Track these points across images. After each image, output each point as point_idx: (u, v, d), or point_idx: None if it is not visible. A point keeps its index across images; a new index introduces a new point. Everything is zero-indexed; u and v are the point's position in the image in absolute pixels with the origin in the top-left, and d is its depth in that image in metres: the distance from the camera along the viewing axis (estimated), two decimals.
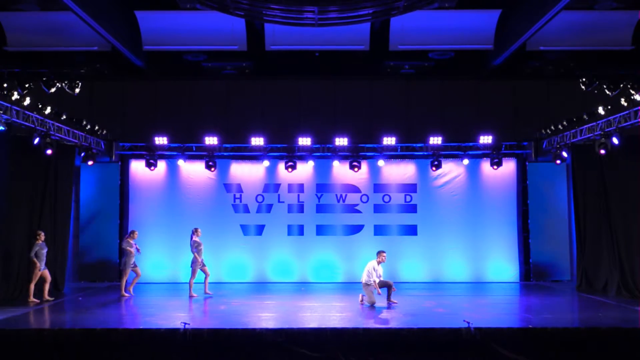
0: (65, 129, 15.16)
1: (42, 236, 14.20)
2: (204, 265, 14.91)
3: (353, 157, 17.34)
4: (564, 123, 15.97)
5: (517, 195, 17.99)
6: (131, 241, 14.99)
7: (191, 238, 14.90)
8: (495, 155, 17.41)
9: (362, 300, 13.42)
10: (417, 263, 17.81)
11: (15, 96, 13.31)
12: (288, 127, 17.44)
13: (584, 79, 16.53)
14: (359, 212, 18.05)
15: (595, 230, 15.74)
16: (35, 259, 13.89)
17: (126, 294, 14.62)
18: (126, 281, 15.04)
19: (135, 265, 14.95)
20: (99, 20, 13.43)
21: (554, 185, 17.84)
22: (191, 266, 14.78)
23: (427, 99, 18.03)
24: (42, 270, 14.00)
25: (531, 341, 10.21)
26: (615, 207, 15.39)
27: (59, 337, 10.13)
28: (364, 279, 13.32)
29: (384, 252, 13.53)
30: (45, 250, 14.13)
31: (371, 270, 13.25)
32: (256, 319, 11.72)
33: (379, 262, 13.37)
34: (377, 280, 13.21)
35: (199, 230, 15.02)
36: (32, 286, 13.92)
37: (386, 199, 18.06)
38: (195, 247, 14.77)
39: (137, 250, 15.01)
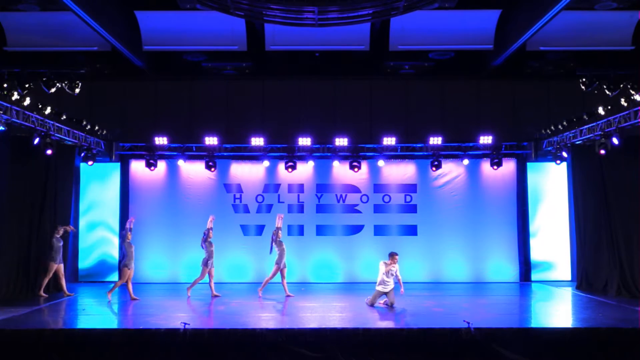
0: (65, 129, 15.15)
1: (130, 235, 14.31)
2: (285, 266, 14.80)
3: (353, 157, 17.33)
4: (564, 123, 15.97)
5: (517, 195, 17.99)
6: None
7: (273, 238, 14.78)
8: (495, 156, 17.41)
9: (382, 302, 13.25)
10: (417, 263, 17.79)
11: (15, 96, 13.30)
12: (288, 127, 17.44)
13: (584, 79, 16.55)
14: (359, 212, 18.05)
15: (595, 230, 15.74)
16: (129, 264, 14.08)
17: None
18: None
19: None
20: (99, 20, 13.45)
21: (553, 185, 17.85)
22: (277, 265, 14.66)
23: (427, 99, 18.04)
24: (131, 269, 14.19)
25: (531, 341, 10.21)
26: (615, 207, 15.39)
27: (59, 337, 10.13)
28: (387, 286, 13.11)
29: (391, 254, 13.38)
30: (132, 249, 14.28)
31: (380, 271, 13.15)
32: (256, 319, 11.72)
33: (387, 264, 13.18)
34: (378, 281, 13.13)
35: (281, 233, 14.92)
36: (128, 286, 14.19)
37: (386, 199, 18.06)
38: (280, 246, 14.69)
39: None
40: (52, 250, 14.64)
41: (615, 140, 14.13)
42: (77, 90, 16.56)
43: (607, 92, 16.22)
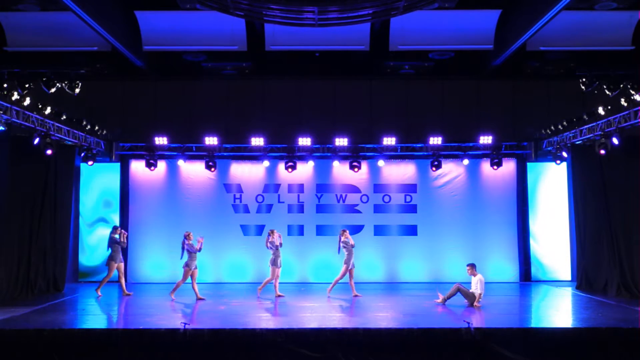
0: (65, 129, 15.15)
1: (192, 236, 14.42)
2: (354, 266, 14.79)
3: (353, 157, 17.33)
4: (564, 123, 15.97)
5: (517, 195, 17.99)
6: None
7: (340, 239, 14.79)
8: (495, 156, 17.40)
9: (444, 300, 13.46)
10: (417, 263, 17.80)
11: (15, 96, 13.29)
12: (288, 127, 17.43)
13: (584, 79, 16.55)
14: (359, 212, 18.05)
15: (595, 230, 15.73)
16: (191, 264, 14.23)
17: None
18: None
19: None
20: (99, 21, 13.44)
21: (554, 185, 17.86)
22: (346, 264, 14.64)
23: (427, 99, 18.03)
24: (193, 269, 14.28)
25: (531, 341, 10.21)
26: (615, 207, 15.39)
27: (59, 337, 10.13)
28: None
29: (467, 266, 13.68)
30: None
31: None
32: (256, 319, 11.72)
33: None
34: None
35: (347, 232, 14.99)
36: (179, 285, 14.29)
37: (386, 199, 18.06)
38: (347, 248, 14.66)
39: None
40: (112, 250, 14.83)
41: (615, 140, 14.13)
42: (77, 90, 16.57)
43: (607, 92, 16.22)
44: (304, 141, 17.00)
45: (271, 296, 14.69)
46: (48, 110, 14.21)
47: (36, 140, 14.04)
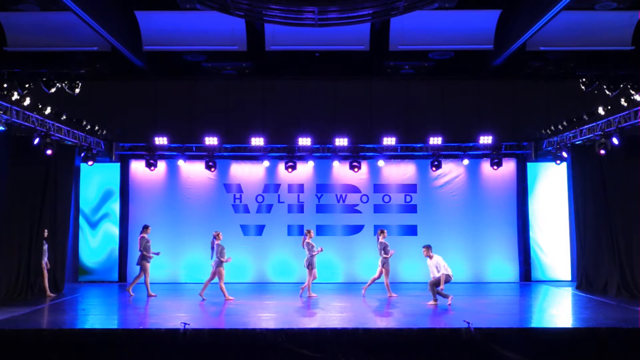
0: (65, 129, 15.14)
1: (221, 236, 14.40)
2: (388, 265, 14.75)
3: (353, 157, 17.34)
4: (564, 123, 15.97)
5: (517, 195, 18.00)
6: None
7: (378, 239, 14.75)
8: (495, 156, 17.41)
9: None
10: (417, 263, 17.69)
11: (15, 96, 13.30)
12: (288, 127, 17.43)
13: (584, 79, 16.56)
14: (359, 212, 18.05)
15: (595, 230, 15.73)
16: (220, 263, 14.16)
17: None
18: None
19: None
20: (99, 20, 13.45)
21: (553, 185, 17.85)
22: (383, 266, 14.59)
23: (427, 99, 18.03)
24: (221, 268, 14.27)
25: (531, 341, 10.20)
26: (615, 207, 15.38)
27: (59, 337, 10.12)
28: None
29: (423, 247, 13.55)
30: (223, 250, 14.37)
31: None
32: (256, 319, 11.71)
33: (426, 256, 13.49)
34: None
35: (386, 232, 14.95)
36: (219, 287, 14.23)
37: (386, 199, 18.07)
38: (384, 249, 14.60)
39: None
40: (145, 250, 14.82)
41: (615, 140, 14.13)
42: (77, 90, 16.58)
43: (607, 92, 16.24)
44: (304, 141, 17.00)
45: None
46: (48, 110, 14.20)
47: (36, 140, 14.04)
